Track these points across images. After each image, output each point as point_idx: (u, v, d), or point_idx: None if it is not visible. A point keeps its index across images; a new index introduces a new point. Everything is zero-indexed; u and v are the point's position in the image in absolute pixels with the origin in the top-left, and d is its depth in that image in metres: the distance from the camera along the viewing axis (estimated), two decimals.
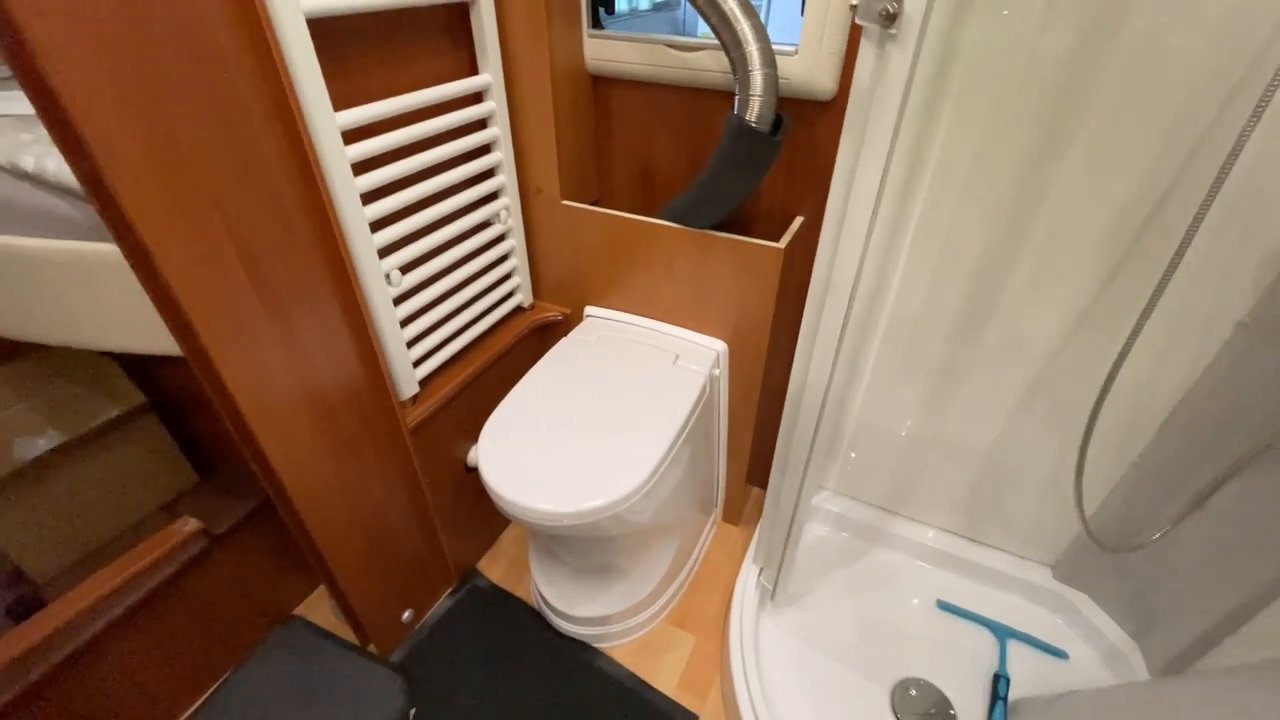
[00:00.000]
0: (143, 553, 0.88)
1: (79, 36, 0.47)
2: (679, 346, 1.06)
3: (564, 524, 0.81)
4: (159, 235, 0.56)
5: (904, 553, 1.23)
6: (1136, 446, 0.96)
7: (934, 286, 0.96)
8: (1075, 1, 0.70)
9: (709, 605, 1.18)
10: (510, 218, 1.05)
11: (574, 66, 0.99)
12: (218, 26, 0.56)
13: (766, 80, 0.78)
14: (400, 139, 0.78)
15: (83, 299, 0.65)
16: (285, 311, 0.71)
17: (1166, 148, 0.74)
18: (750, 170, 0.86)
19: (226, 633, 1.05)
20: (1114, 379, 0.80)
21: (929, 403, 1.08)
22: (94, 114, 0.50)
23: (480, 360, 1.06)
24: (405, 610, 1.10)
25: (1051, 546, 1.14)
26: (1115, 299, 0.85)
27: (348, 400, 0.84)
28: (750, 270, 0.96)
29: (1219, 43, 0.67)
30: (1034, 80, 0.75)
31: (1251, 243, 0.75)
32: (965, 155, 0.83)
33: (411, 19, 0.79)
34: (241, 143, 0.61)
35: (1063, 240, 0.84)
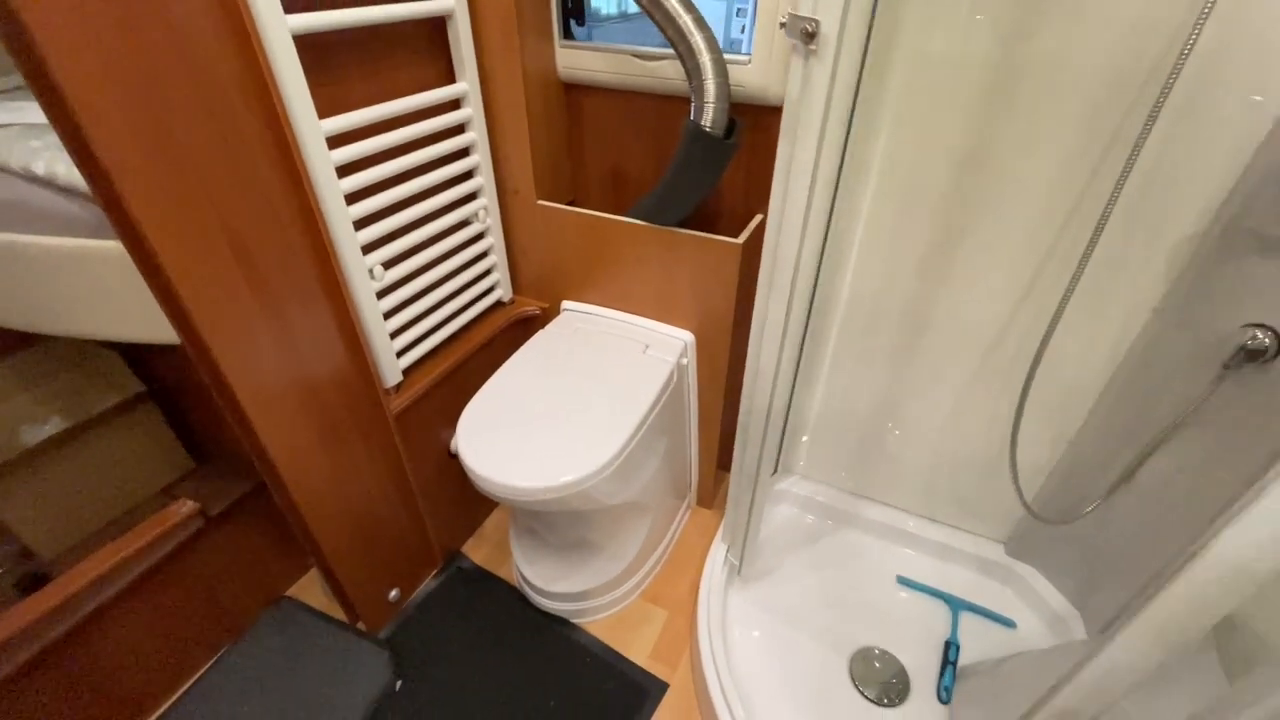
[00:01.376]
0: (142, 532, 0.94)
1: (89, 55, 0.53)
2: (649, 337, 1.13)
3: (537, 499, 0.88)
4: (160, 233, 0.62)
5: (867, 532, 1.30)
6: (1073, 426, 1.03)
7: (885, 276, 1.03)
8: (996, 14, 0.77)
9: (681, 583, 1.25)
10: (489, 217, 1.11)
11: (546, 74, 1.06)
12: (212, 43, 0.62)
13: (719, 88, 0.85)
14: (382, 143, 0.85)
15: (88, 292, 0.71)
16: (276, 303, 0.77)
17: (1081, 146, 0.81)
18: (707, 171, 0.93)
19: (222, 611, 1.11)
20: (1039, 362, 0.87)
21: (886, 388, 1.15)
22: (101, 123, 0.56)
23: (461, 352, 1.12)
24: (392, 589, 1.16)
25: (1003, 524, 1.21)
26: (1043, 288, 0.93)
27: (335, 387, 0.90)
28: (712, 265, 1.03)
29: (1122, 52, 0.74)
30: (962, 84, 0.82)
31: (1159, 235, 0.82)
32: (905, 153, 0.90)
33: (391, 32, 0.85)
34: (235, 149, 0.67)
35: (996, 232, 0.91)
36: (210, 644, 1.10)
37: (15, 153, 0.69)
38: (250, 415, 0.79)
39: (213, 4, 0.61)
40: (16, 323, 0.74)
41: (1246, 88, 0.71)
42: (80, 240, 0.69)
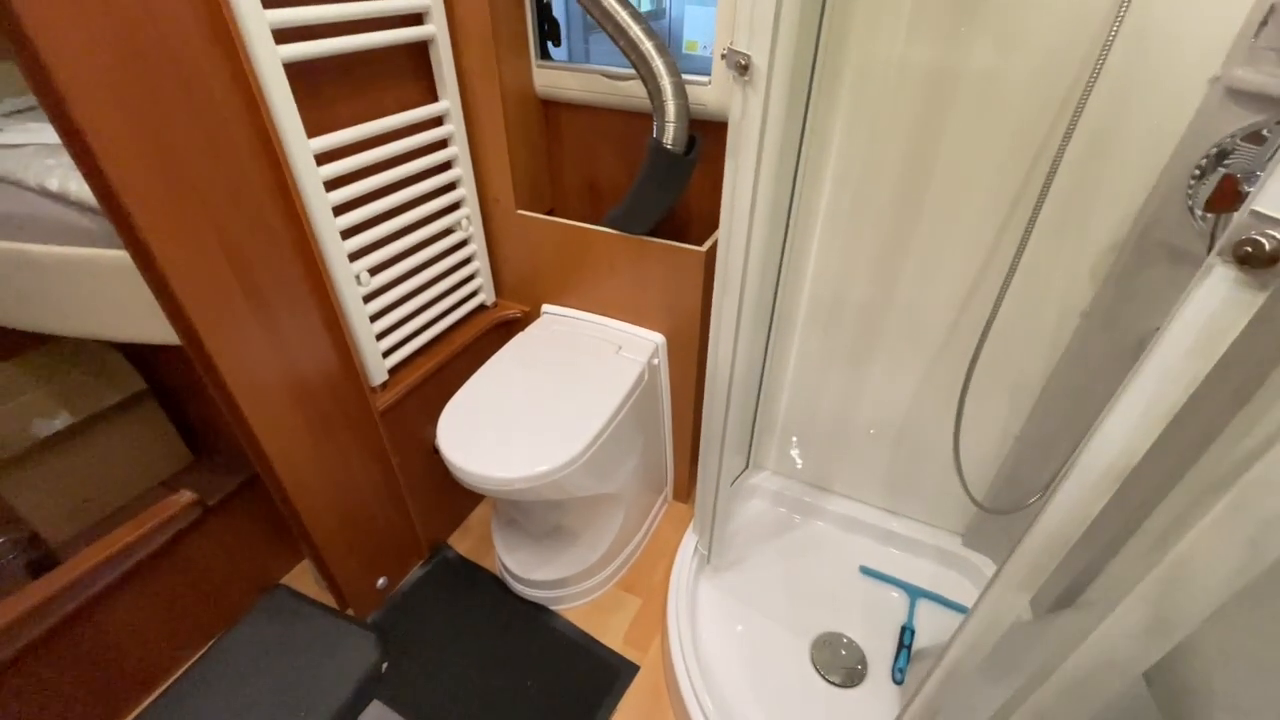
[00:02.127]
0: (143, 520, 1.01)
1: (101, 86, 0.60)
2: (622, 339, 1.20)
3: (513, 489, 0.95)
4: (163, 244, 0.69)
5: (832, 524, 1.37)
6: (1017, 423, 1.10)
7: (841, 279, 1.09)
8: (933, 31, 0.84)
9: (655, 572, 1.32)
10: (471, 225, 1.18)
11: (524, 92, 1.13)
12: (210, 72, 0.69)
13: (679, 109, 0.92)
14: (368, 159, 0.92)
15: (97, 297, 0.78)
16: (268, 306, 0.84)
17: (1011, 158, 0.88)
18: (670, 184, 1.00)
19: (218, 597, 1.17)
20: (976, 362, 0.94)
21: (847, 387, 1.22)
22: (110, 145, 0.63)
23: (445, 352, 1.19)
24: (380, 578, 1.23)
25: (960, 517, 1.27)
26: (983, 292, 0.99)
27: (324, 385, 0.97)
28: (680, 271, 1.10)
29: (1040, 75, 0.81)
30: (905, 95, 0.89)
31: (1083, 244, 0.89)
32: (855, 162, 0.97)
33: (375, 57, 0.92)
34: (231, 166, 0.74)
35: (940, 238, 0.98)
36: (208, 628, 1.17)
37: (32, 170, 0.76)
38: (245, 410, 0.86)
39: (210, 37, 0.68)
40: (31, 325, 0.81)
41: (1150, 115, 0.78)
42: (90, 250, 0.76)
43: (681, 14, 1.12)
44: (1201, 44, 0.72)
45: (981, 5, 0.79)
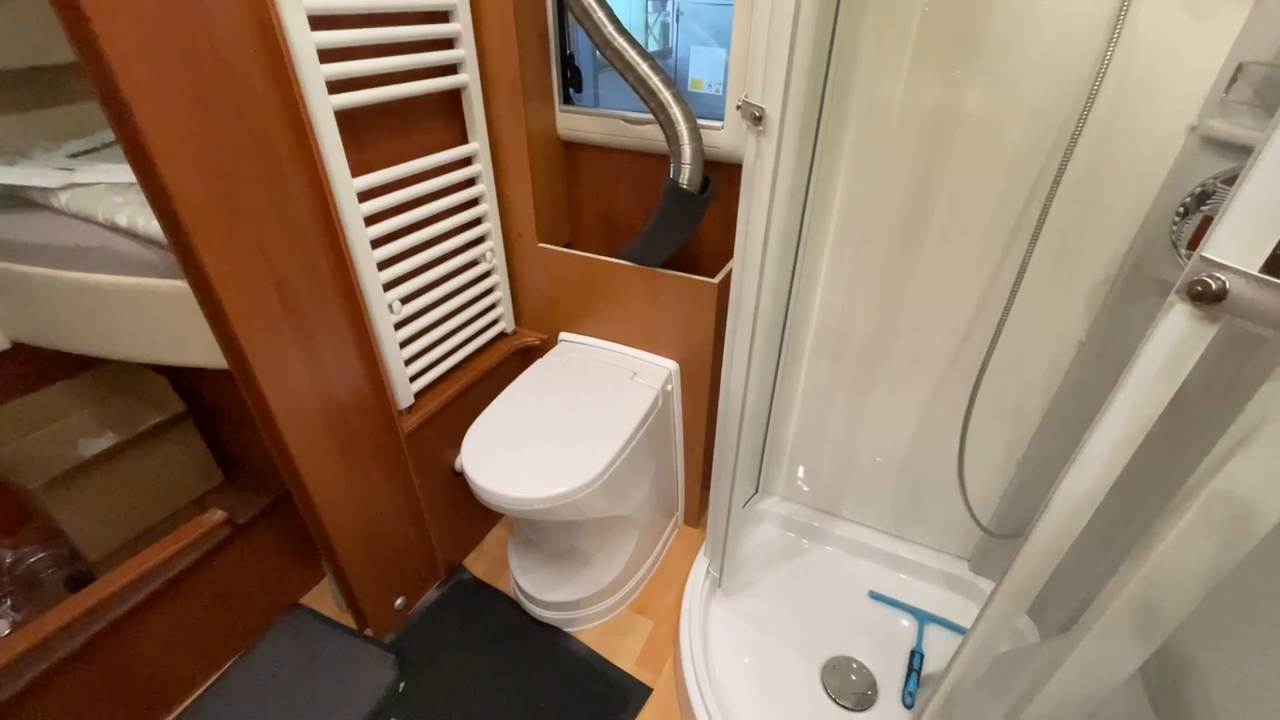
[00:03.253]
0: (177, 538, 1.05)
1: (178, 133, 0.67)
2: (637, 366, 1.25)
3: (532, 509, 0.98)
4: (221, 276, 0.75)
5: (842, 549, 1.39)
6: (1020, 448, 1.13)
7: (847, 309, 1.14)
8: (932, 73, 0.90)
9: (668, 596, 1.34)
10: (495, 257, 1.25)
11: (548, 135, 1.21)
12: (272, 122, 0.76)
13: (694, 152, 0.99)
14: (404, 196, 0.98)
15: (155, 324, 0.84)
16: (309, 334, 0.89)
17: (1006, 196, 0.94)
18: (684, 221, 1.06)
19: (241, 615, 1.20)
20: (978, 389, 0.98)
21: (854, 414, 1.26)
22: (183, 187, 0.69)
23: (467, 377, 1.24)
24: (398, 598, 1.25)
25: (966, 541, 1.30)
26: (984, 320, 1.04)
27: (355, 408, 1.02)
28: (693, 301, 1.15)
29: (1030, 122, 0.87)
30: (904, 137, 0.95)
31: (1077, 277, 0.94)
32: (860, 198, 1.03)
33: (414, 103, 0.99)
34: (283, 204, 0.81)
35: (941, 269, 1.03)
36: (229, 645, 1.19)
37: (101, 207, 0.82)
38: (284, 432, 0.90)
39: (276, 93, 0.75)
40: (93, 349, 0.87)
41: (1134, 158, 0.84)
42: (152, 280, 0.82)
43: (687, 54, 1.21)
44: (1179, 96, 0.78)
45: (976, 53, 0.86)
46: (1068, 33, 0.80)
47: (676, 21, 4.25)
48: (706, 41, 1.20)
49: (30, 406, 1.07)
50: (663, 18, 4.44)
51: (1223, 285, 0.30)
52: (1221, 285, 0.30)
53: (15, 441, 1.03)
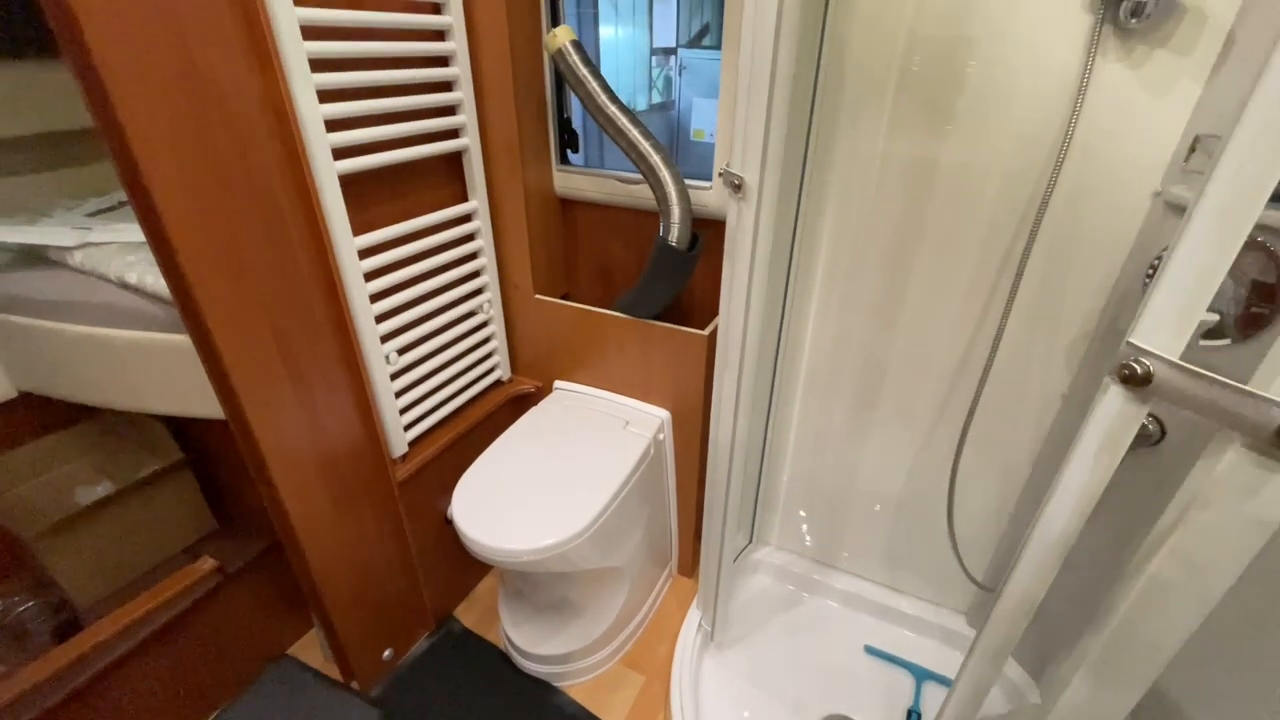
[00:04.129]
0: (166, 587, 1.04)
1: (188, 195, 0.71)
2: (629, 414, 1.26)
3: (521, 560, 0.98)
4: (223, 331, 0.78)
5: (837, 601, 1.37)
6: (1011, 500, 1.13)
7: (836, 358, 1.17)
8: (911, 126, 0.95)
9: (660, 649, 1.31)
10: (492, 308, 1.28)
11: (545, 193, 1.26)
12: (278, 186, 0.81)
13: (682, 211, 1.03)
14: (404, 252, 1.02)
15: (157, 375, 0.87)
16: (306, 385, 0.92)
17: (984, 257, 0.97)
18: (674, 277, 1.10)
19: (227, 665, 1.18)
20: (964, 440, 0.99)
21: (845, 463, 1.27)
22: (188, 246, 0.73)
23: (463, 425, 1.26)
24: (386, 649, 1.24)
25: (963, 595, 1.28)
26: (968, 373, 1.06)
27: (349, 457, 1.03)
28: (684, 352, 1.18)
29: (1002, 191, 0.91)
30: (885, 191, 0.99)
31: (1056, 333, 0.97)
32: (844, 253, 1.06)
33: (417, 165, 1.04)
34: (285, 262, 0.84)
35: (924, 320, 1.06)
36: (214, 696, 1.17)
37: (113, 265, 0.86)
38: (276, 481, 0.92)
39: (283, 160, 0.80)
40: (96, 399, 0.89)
41: (1104, 219, 0.87)
42: (155, 334, 0.85)
43: (690, 105, 1.27)
44: (1142, 163, 0.82)
45: (948, 121, 0.91)
46: (1034, 104, 0.85)
47: (679, 75, 4.41)
48: (707, 94, 1.26)
49: (32, 454, 1.09)
50: (666, 72, 4.60)
51: (1148, 370, 0.32)
52: (1147, 370, 0.32)
53: (15, 489, 1.04)
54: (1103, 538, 0.96)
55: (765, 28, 0.65)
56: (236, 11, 0.72)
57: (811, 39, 0.91)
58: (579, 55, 1.02)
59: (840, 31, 0.91)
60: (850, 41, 0.91)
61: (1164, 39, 0.75)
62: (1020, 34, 0.82)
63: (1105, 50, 0.78)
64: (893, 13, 0.87)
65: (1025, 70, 0.84)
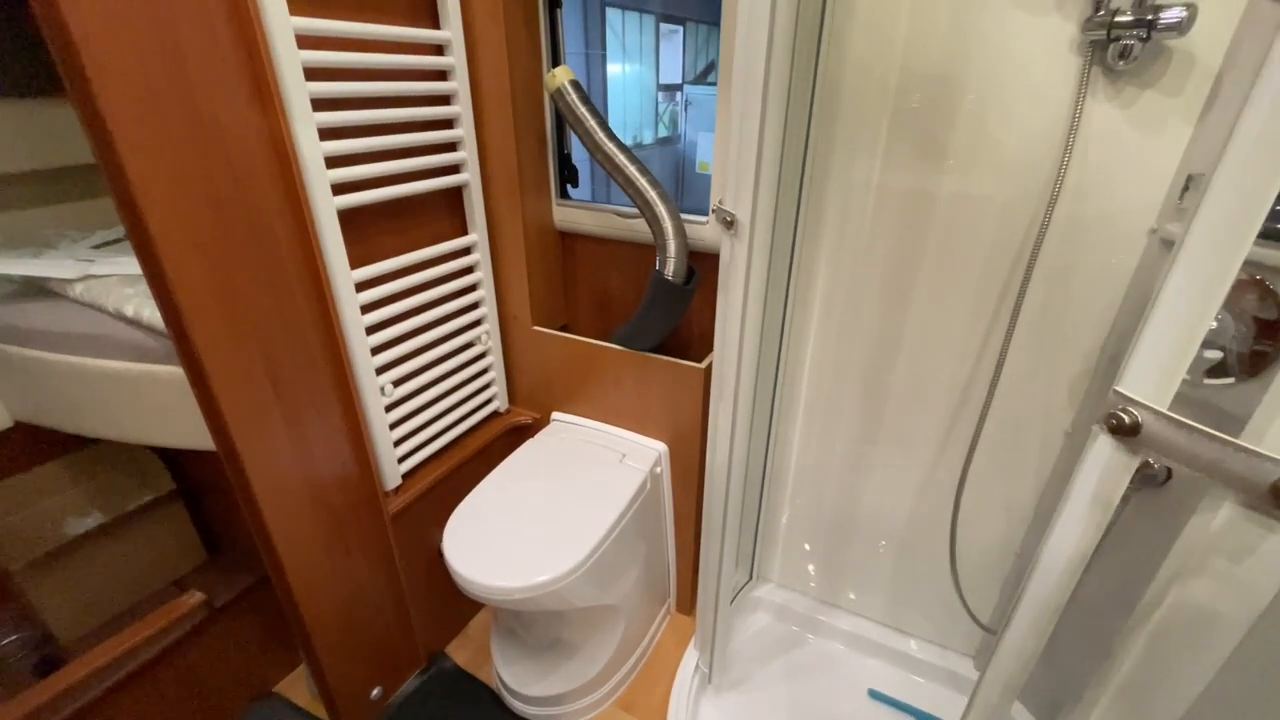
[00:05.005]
0: (152, 621, 1.03)
1: (184, 228, 0.72)
2: (626, 447, 1.25)
3: (513, 598, 0.96)
4: (214, 362, 0.78)
5: (840, 642, 1.33)
6: (1016, 539, 1.10)
7: (834, 391, 1.15)
8: (904, 156, 0.95)
9: (656, 690, 1.27)
10: (490, 339, 1.28)
11: (544, 226, 1.27)
12: (276, 216, 0.82)
13: (678, 246, 1.04)
14: (402, 285, 1.03)
15: (150, 406, 0.87)
16: (298, 417, 0.91)
17: (982, 290, 0.96)
18: (671, 310, 1.10)
19: (212, 702, 1.15)
20: (965, 477, 0.97)
21: (848, 497, 1.24)
22: (184, 278, 0.73)
23: (459, 456, 1.24)
24: (375, 688, 1.20)
25: (970, 638, 1.24)
26: (968, 408, 1.05)
27: (340, 489, 1.02)
28: (681, 385, 1.17)
29: (1004, 212, 0.91)
30: (881, 222, 0.99)
31: (1056, 369, 0.95)
32: (842, 286, 1.06)
33: (417, 199, 1.06)
34: (281, 295, 0.85)
35: (923, 353, 1.05)
36: None
37: (112, 297, 0.87)
38: (265, 514, 0.91)
39: (282, 194, 0.81)
40: (90, 430, 0.89)
41: (1100, 255, 0.87)
42: (149, 365, 0.85)
43: (694, 139, 1.29)
44: (1137, 201, 0.82)
45: (941, 160, 0.91)
46: (1026, 141, 0.86)
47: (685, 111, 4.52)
48: (712, 129, 1.29)
49: (25, 484, 1.08)
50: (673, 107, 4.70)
51: (1136, 420, 0.31)
52: (1135, 420, 0.31)
53: (5, 519, 1.04)
54: (1114, 579, 0.94)
55: (755, 71, 0.66)
56: (241, 54, 0.74)
57: (805, 75, 0.92)
58: (578, 95, 1.04)
59: (833, 71, 0.93)
60: (843, 81, 0.93)
61: (1152, 80, 0.75)
62: (1011, 74, 0.83)
63: (1095, 91, 0.79)
64: (884, 52, 0.89)
65: (1017, 108, 0.85)
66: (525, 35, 1.10)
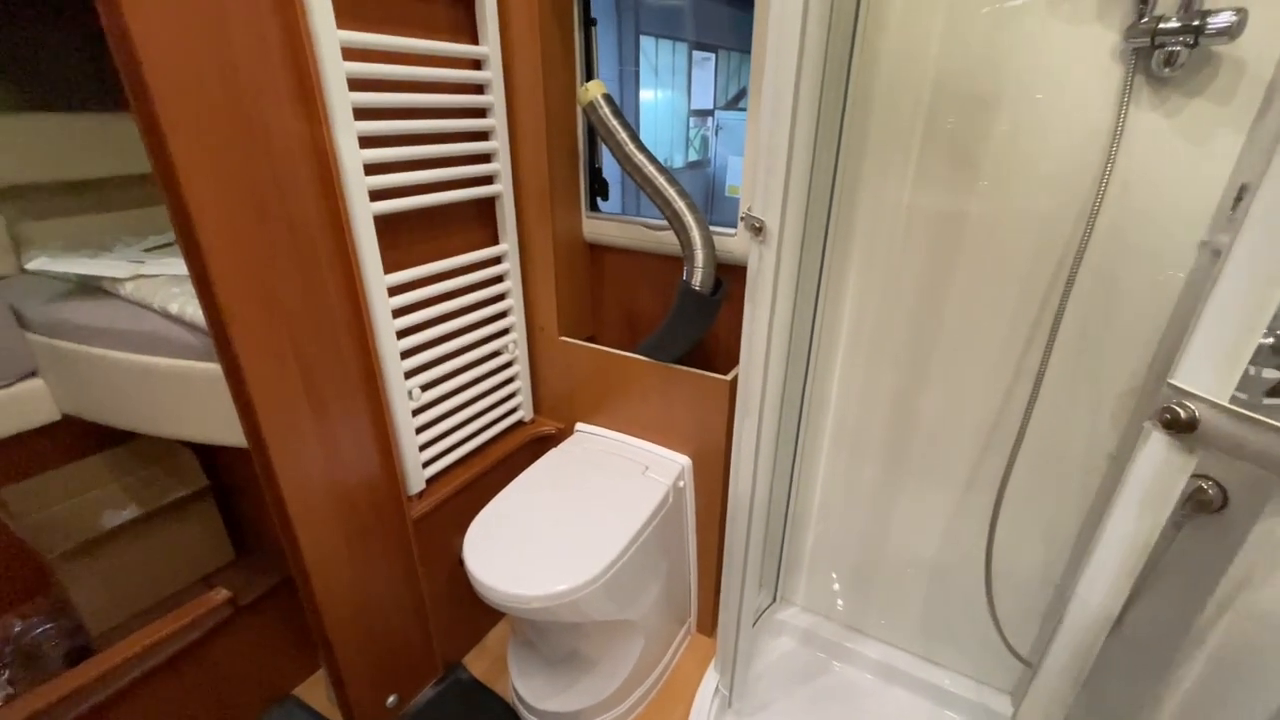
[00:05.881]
0: (179, 616, 1.04)
1: (229, 234, 0.75)
2: (649, 459, 1.23)
3: (530, 607, 0.95)
4: (250, 361, 0.80)
5: (867, 671, 1.27)
6: (1057, 568, 1.05)
7: (864, 408, 1.13)
8: (935, 177, 0.94)
9: (674, 713, 1.23)
10: (517, 349, 1.29)
11: (574, 238, 1.29)
12: (315, 222, 0.84)
13: (706, 257, 1.03)
14: (433, 291, 1.05)
15: (189, 402, 0.90)
16: (328, 417, 0.93)
17: (1018, 303, 0.93)
18: (697, 321, 1.09)
19: (232, 700, 1.16)
20: (1001, 501, 0.93)
21: (877, 520, 1.20)
22: (226, 279, 0.76)
23: (482, 464, 1.25)
24: (391, 695, 1.20)
25: (1007, 672, 1.17)
26: (1003, 430, 1.01)
27: (365, 491, 1.03)
28: (706, 398, 1.16)
29: (1043, 222, 0.88)
30: (912, 240, 0.97)
31: (1099, 389, 0.91)
32: (872, 301, 1.04)
33: (450, 208, 1.08)
34: (316, 296, 0.87)
35: (956, 373, 1.02)
36: None
37: (159, 296, 0.91)
38: (291, 513, 0.92)
39: (321, 198, 0.84)
40: (132, 424, 0.93)
41: (1147, 270, 0.83)
42: (191, 362, 0.88)
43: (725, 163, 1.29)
44: (1186, 212, 0.79)
45: (977, 170, 0.90)
46: (1065, 154, 0.83)
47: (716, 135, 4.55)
48: (742, 153, 1.29)
49: (68, 476, 1.13)
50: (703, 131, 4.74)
51: (1193, 414, 0.29)
52: (1191, 414, 0.29)
53: (48, 509, 1.08)
54: (1167, 613, 0.88)
55: (787, 68, 0.66)
56: (289, 65, 0.78)
57: (836, 86, 0.92)
58: (610, 108, 1.06)
59: (865, 81, 0.92)
60: (874, 92, 0.92)
61: (1200, 88, 0.73)
62: (1048, 85, 0.82)
63: (1139, 100, 0.77)
64: (916, 64, 0.88)
65: (1054, 119, 0.83)
66: (560, 51, 1.13)
